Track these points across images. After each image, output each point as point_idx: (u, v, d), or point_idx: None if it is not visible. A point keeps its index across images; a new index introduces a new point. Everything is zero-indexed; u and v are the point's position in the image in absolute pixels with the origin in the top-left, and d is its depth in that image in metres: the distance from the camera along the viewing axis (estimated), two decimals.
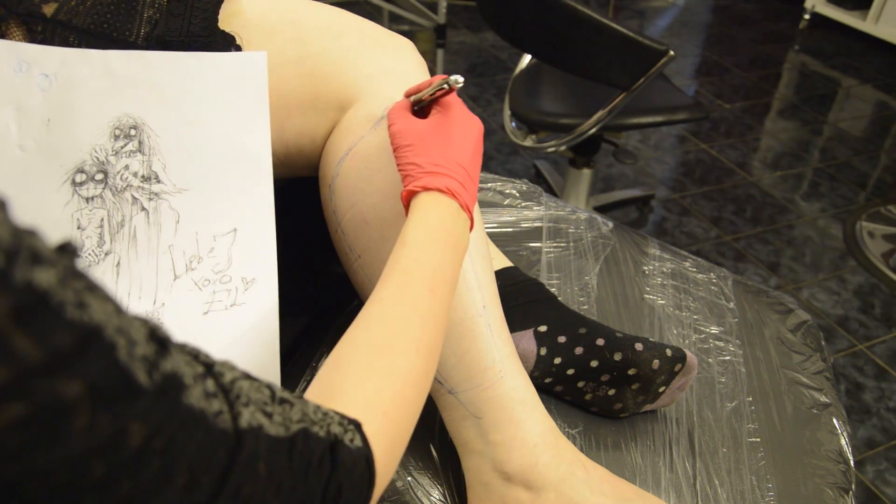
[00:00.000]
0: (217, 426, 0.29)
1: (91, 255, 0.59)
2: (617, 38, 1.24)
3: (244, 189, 0.60)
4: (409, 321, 0.45)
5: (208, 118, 0.60)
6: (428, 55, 2.72)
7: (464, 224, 0.52)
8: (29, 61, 0.58)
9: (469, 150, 0.54)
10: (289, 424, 0.34)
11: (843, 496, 0.69)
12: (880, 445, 1.47)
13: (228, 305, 0.59)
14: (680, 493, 0.67)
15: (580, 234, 0.96)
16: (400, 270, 0.47)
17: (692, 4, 3.80)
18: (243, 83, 0.60)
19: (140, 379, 0.25)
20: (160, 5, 0.62)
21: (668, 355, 0.68)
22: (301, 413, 0.35)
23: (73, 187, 0.59)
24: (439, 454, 0.67)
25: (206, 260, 0.59)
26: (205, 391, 0.29)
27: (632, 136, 2.50)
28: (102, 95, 0.59)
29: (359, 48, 0.64)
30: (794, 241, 2.02)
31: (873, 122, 2.71)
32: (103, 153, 0.60)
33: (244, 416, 0.31)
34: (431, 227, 0.50)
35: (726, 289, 0.91)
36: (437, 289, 0.48)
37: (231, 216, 0.60)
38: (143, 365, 0.26)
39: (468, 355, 0.60)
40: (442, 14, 2.16)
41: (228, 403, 0.31)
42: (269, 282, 0.59)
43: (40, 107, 0.59)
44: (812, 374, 0.81)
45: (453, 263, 0.50)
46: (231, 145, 0.60)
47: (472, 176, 0.54)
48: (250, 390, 0.33)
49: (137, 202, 0.60)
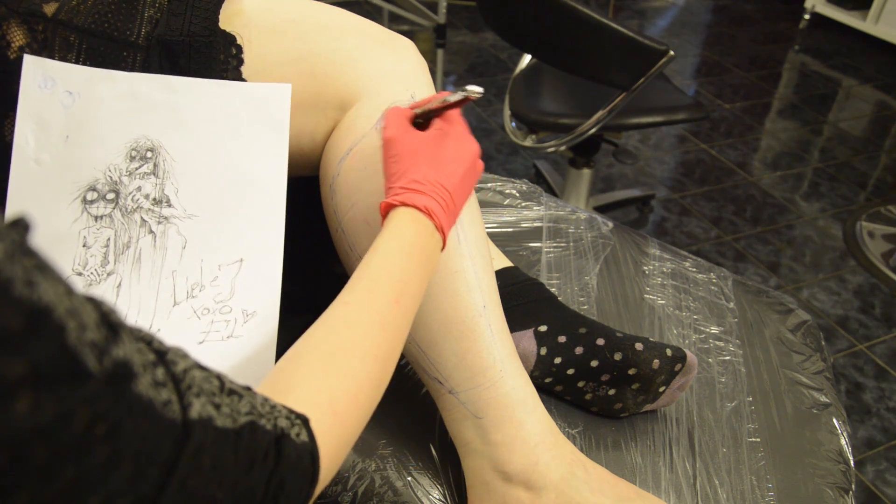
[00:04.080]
0: (165, 416, 0.29)
1: (93, 273, 0.59)
2: (617, 38, 1.24)
3: (255, 220, 0.60)
4: (370, 328, 0.46)
5: (226, 146, 0.60)
6: (428, 55, 2.72)
7: (436, 244, 0.52)
8: (55, 78, 0.58)
9: (459, 172, 0.54)
10: (237, 417, 0.34)
11: (843, 496, 0.69)
12: (880, 445, 1.47)
13: (225, 336, 0.58)
14: (680, 493, 0.67)
15: (580, 234, 0.96)
16: (368, 277, 0.48)
17: (692, 4, 3.80)
18: (265, 113, 0.60)
19: (89, 364, 0.25)
20: (161, 5, 0.62)
21: (668, 355, 0.68)
22: (249, 405, 0.35)
23: (84, 205, 0.59)
24: (439, 454, 0.67)
25: (209, 289, 0.59)
26: (154, 380, 0.29)
27: (632, 136, 2.50)
28: (123, 116, 0.59)
29: (360, 48, 0.64)
30: (794, 241, 2.02)
31: (873, 122, 2.71)
32: (117, 173, 0.59)
33: (195, 407, 0.31)
34: (405, 240, 0.50)
35: (726, 289, 0.91)
36: (403, 301, 0.48)
37: (239, 247, 0.59)
38: (93, 350, 0.25)
39: (469, 355, 0.60)
40: (442, 14, 2.16)
41: (179, 393, 0.30)
42: (269, 317, 0.58)
43: (61, 123, 0.59)
44: (812, 374, 0.81)
45: (421, 279, 0.51)
46: (247, 175, 0.60)
47: (455, 199, 0.53)
48: (202, 381, 0.33)
49: (146, 224, 0.59)
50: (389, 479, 0.65)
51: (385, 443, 0.67)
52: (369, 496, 0.64)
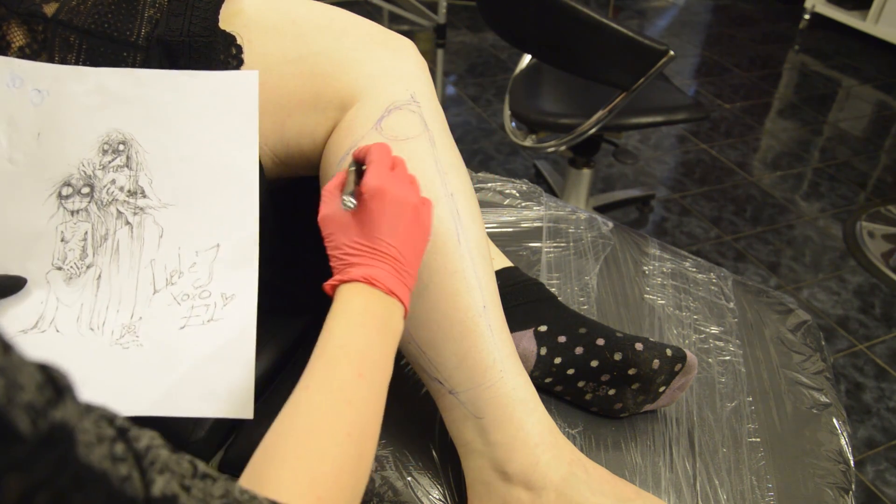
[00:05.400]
0: (124, 492, 0.26)
1: (73, 267, 0.60)
2: (617, 38, 1.24)
3: (229, 206, 0.60)
4: (336, 407, 0.44)
5: (197, 135, 0.60)
6: (428, 55, 2.72)
7: (389, 307, 0.51)
8: (23, 76, 0.59)
9: (399, 227, 0.52)
10: (209, 500, 0.31)
11: (843, 496, 0.69)
12: (880, 445, 1.47)
13: (206, 321, 0.59)
14: (680, 493, 0.67)
15: (580, 234, 0.96)
16: (325, 358, 0.47)
17: (692, 4, 3.80)
18: (234, 101, 0.60)
19: (20, 425, 0.23)
20: (161, 5, 0.62)
21: (668, 355, 0.68)
22: (224, 489, 0.33)
23: (60, 200, 0.60)
24: (439, 454, 0.67)
25: (187, 275, 0.60)
26: (111, 454, 0.27)
27: (632, 136, 2.50)
28: (93, 111, 0.60)
29: (360, 48, 0.64)
30: (794, 241, 2.02)
31: (873, 122, 2.71)
32: (90, 167, 0.60)
33: (157, 484, 0.28)
34: (354, 312, 0.49)
35: (726, 289, 0.91)
36: (367, 373, 0.47)
37: (214, 232, 0.60)
38: (28, 412, 0.23)
39: (469, 356, 0.60)
40: (442, 14, 2.16)
41: (140, 470, 0.28)
42: (248, 298, 0.59)
43: (32, 121, 0.59)
44: (812, 374, 0.81)
45: (382, 345, 0.49)
46: (219, 162, 0.60)
47: (404, 255, 0.52)
48: (168, 460, 0.30)
49: (122, 216, 0.60)
50: (389, 479, 0.65)
51: (385, 443, 0.67)
52: (369, 496, 0.64)
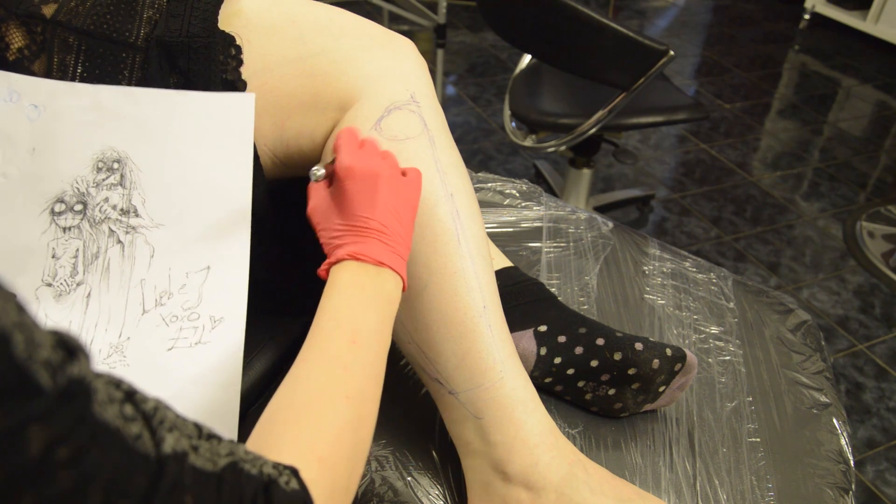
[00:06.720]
0: (137, 449, 0.27)
1: (63, 284, 0.59)
2: (617, 38, 1.24)
3: (221, 228, 0.60)
4: (333, 373, 0.46)
5: (191, 156, 0.60)
6: (428, 55, 2.72)
7: (382, 277, 0.52)
8: (19, 91, 0.59)
9: (377, 200, 0.53)
10: (216, 459, 0.32)
11: (843, 496, 0.69)
12: (880, 445, 1.47)
13: (193, 343, 0.59)
14: (680, 493, 0.67)
15: (580, 234, 0.96)
16: (318, 333, 0.48)
17: (692, 4, 3.80)
18: (230, 123, 0.60)
19: (40, 380, 0.23)
20: (160, 6, 0.62)
21: (668, 355, 0.68)
22: (229, 448, 0.34)
23: (52, 216, 0.59)
24: (439, 454, 0.67)
25: (177, 296, 0.60)
26: (122, 413, 0.27)
27: (632, 136, 2.50)
28: (88, 128, 0.60)
29: (359, 48, 0.64)
30: (794, 241, 2.02)
31: (873, 122, 2.71)
32: (84, 184, 0.60)
33: (168, 442, 0.29)
34: (343, 286, 0.50)
35: (726, 289, 0.91)
36: (360, 339, 0.48)
37: (206, 254, 0.60)
38: (46, 368, 0.24)
39: (469, 356, 0.60)
40: (442, 14, 2.16)
41: (150, 429, 0.29)
42: (236, 322, 0.59)
43: (27, 136, 0.59)
44: (812, 374, 0.81)
45: (376, 312, 0.50)
46: (212, 184, 0.60)
47: (385, 226, 0.53)
48: (175, 420, 0.31)
49: (114, 235, 0.60)
50: (389, 480, 0.65)
51: (385, 443, 0.67)
52: (369, 496, 0.64)
